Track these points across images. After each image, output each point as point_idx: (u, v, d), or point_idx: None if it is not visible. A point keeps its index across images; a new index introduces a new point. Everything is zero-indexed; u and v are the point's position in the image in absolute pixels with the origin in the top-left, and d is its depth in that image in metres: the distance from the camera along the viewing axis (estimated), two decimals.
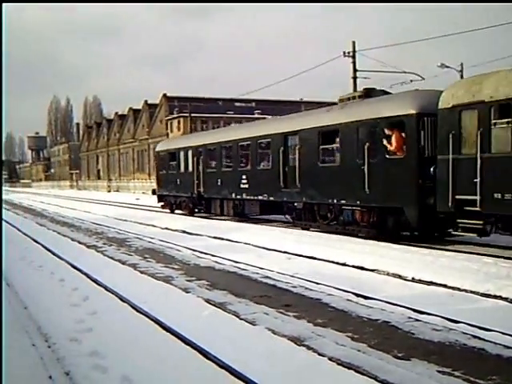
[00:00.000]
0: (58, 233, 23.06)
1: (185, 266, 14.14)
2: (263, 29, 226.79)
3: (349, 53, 35.05)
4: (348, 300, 9.84)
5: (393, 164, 16.58)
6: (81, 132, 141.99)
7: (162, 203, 34.81)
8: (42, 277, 12.58)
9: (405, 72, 34.09)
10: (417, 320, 8.42)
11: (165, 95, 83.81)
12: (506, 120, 13.09)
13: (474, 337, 7.51)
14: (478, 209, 13.59)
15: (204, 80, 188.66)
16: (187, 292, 10.84)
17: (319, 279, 11.44)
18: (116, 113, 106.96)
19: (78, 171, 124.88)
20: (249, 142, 24.74)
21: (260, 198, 23.56)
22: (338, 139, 18.98)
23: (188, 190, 30.55)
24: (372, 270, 12.62)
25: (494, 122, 13.33)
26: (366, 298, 9.86)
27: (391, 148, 16.57)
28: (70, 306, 9.56)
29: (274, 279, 11.96)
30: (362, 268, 12.90)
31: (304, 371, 6.31)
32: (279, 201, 22.43)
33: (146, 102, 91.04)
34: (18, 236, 22.00)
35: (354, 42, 35.27)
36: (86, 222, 28.46)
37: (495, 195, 13.17)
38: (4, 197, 70.52)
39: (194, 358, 6.77)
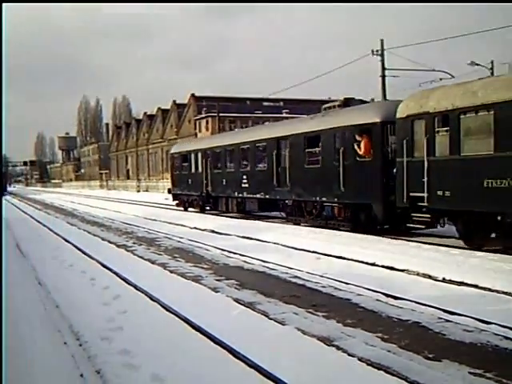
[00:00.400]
0: (89, 232, 23.33)
1: (214, 266, 14.18)
2: (291, 28, 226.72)
3: (377, 51, 34.82)
4: (378, 300, 9.77)
5: (362, 166, 18.84)
6: (110, 132, 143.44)
7: (177, 201, 36.99)
8: (73, 276, 12.73)
9: (434, 70, 33.80)
10: (447, 321, 8.33)
11: (193, 95, 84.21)
12: (446, 128, 15.04)
13: (506, 338, 7.41)
14: (426, 204, 15.63)
15: (232, 80, 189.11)
16: (216, 291, 10.87)
17: (349, 279, 11.37)
18: (145, 113, 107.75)
19: (107, 171, 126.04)
20: (248, 146, 27.40)
21: (258, 196, 26.11)
22: (320, 143, 21.21)
23: (198, 189, 32.85)
24: (402, 270, 12.49)
25: (437, 130, 15.34)
26: (395, 298, 9.79)
27: (361, 152, 18.75)
28: (101, 304, 9.65)
29: (304, 279, 11.92)
30: (391, 268, 12.78)
31: (334, 371, 6.29)
32: (273, 198, 24.78)
33: (174, 101, 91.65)
34: (49, 235, 22.34)
35: (382, 41, 35.05)
36: (116, 222, 28.74)
37: (438, 192, 15.17)
38: (36, 197, 71.86)
39: (224, 358, 6.79)
